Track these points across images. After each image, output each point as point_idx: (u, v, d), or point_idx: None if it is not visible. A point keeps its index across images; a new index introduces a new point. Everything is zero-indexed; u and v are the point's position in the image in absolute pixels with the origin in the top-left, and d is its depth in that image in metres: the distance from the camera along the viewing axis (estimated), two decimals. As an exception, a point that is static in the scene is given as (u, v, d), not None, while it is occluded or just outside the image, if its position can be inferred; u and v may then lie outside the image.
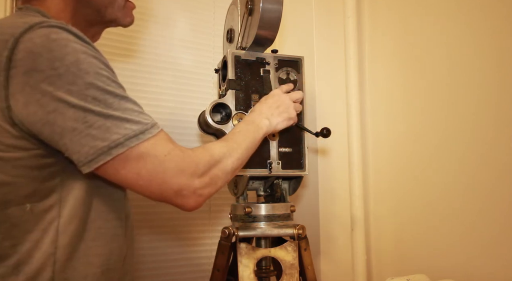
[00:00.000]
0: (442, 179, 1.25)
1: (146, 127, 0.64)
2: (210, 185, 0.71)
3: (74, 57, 0.60)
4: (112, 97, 0.62)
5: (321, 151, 1.63)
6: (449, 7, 1.27)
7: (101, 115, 0.60)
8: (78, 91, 0.59)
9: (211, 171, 0.71)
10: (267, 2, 0.99)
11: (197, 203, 0.70)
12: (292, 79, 1.10)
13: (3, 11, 1.12)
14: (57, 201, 0.65)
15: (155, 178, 0.64)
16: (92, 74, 0.61)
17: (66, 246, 0.65)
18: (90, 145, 0.59)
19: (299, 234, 1.03)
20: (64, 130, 0.59)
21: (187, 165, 0.67)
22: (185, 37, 1.42)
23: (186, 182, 0.67)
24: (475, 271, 1.14)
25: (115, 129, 0.61)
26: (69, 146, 0.60)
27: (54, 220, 0.64)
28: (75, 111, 0.59)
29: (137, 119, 0.64)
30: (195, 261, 1.36)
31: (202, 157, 0.71)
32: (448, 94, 1.25)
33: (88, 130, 0.59)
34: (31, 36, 0.59)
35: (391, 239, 1.43)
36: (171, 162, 0.66)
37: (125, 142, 0.61)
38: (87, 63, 0.61)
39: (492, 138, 1.12)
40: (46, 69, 0.58)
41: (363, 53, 1.58)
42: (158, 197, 0.67)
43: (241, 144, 0.81)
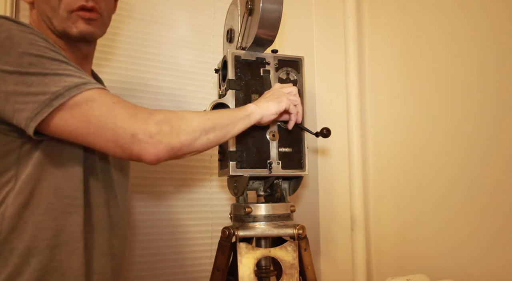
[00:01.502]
0: (442, 179, 1.25)
1: (88, 81, 0.66)
2: (171, 134, 0.68)
3: (7, 33, 0.64)
4: (51, 60, 0.64)
5: (321, 151, 1.63)
6: (449, 7, 1.27)
7: (40, 75, 0.63)
8: (13, 60, 0.63)
9: (170, 121, 0.69)
10: (267, 2, 0.99)
11: (157, 151, 0.66)
12: (292, 79, 1.10)
13: (3, 11, 1.12)
14: (13, 177, 0.68)
15: (105, 124, 0.64)
16: (25, 44, 0.64)
17: (11, 217, 0.67)
18: (33, 100, 0.62)
19: (299, 234, 1.03)
20: (7, 94, 0.63)
21: (139, 111, 0.67)
22: (185, 37, 1.42)
23: (140, 126, 0.65)
24: (475, 271, 1.14)
25: (54, 83, 0.63)
26: (15, 107, 0.63)
27: (8, 194, 0.68)
28: (14, 77, 0.62)
29: (77, 75, 0.65)
30: (195, 261, 1.36)
31: (159, 110, 0.70)
32: (449, 93, 1.25)
33: (28, 89, 0.62)
34: None
35: (391, 239, 1.43)
36: (120, 109, 0.65)
37: (65, 93, 0.63)
38: (20, 37, 0.64)
39: (493, 138, 1.12)
40: None
41: (363, 53, 1.58)
42: (114, 146, 0.65)
43: (216, 113, 0.80)
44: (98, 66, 1.26)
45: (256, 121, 0.87)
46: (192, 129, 0.71)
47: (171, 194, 1.34)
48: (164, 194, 1.33)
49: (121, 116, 0.65)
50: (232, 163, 1.01)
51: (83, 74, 0.67)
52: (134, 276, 1.26)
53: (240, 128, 0.83)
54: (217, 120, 0.78)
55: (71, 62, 0.68)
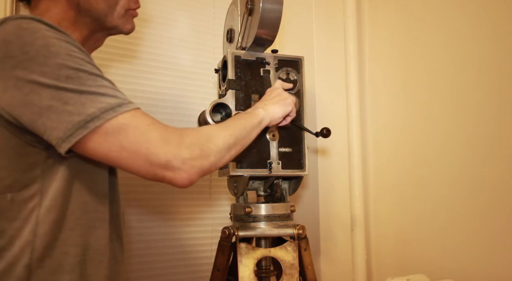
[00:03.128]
0: (442, 179, 1.25)
1: (124, 101, 0.64)
2: (202, 157, 0.68)
3: (43, 41, 0.61)
4: (87, 75, 0.63)
5: (321, 151, 1.63)
6: (449, 7, 1.27)
7: (76, 92, 0.61)
8: (50, 72, 0.60)
9: (200, 143, 0.68)
10: (267, 2, 0.99)
11: (190, 175, 0.66)
12: (292, 79, 1.10)
13: (3, 11, 1.12)
14: (38, 191, 0.66)
15: (139, 149, 0.63)
16: (63, 55, 0.62)
17: (45, 235, 0.66)
18: (67, 120, 0.60)
19: (299, 234, 1.03)
20: (41, 109, 0.60)
21: (171, 135, 0.66)
22: (185, 37, 1.42)
23: (173, 151, 0.64)
24: (475, 271, 1.14)
25: (90, 103, 0.61)
26: (48, 124, 0.60)
27: (34, 210, 0.65)
28: (50, 91, 0.60)
29: (112, 94, 0.64)
30: (195, 261, 1.36)
31: (189, 131, 0.69)
32: (449, 93, 1.25)
33: (64, 106, 0.60)
34: (3, 28, 0.62)
35: (391, 239, 1.43)
36: (154, 132, 0.64)
37: (101, 115, 0.61)
38: (58, 46, 0.62)
39: (493, 138, 1.12)
40: (18, 54, 0.60)
41: (363, 53, 1.58)
42: (146, 171, 0.64)
43: (233, 124, 0.79)
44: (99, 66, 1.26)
45: (265, 126, 0.89)
46: (218, 149, 0.72)
47: (170, 194, 1.34)
48: (164, 194, 1.33)
49: (155, 141, 0.64)
50: (232, 163, 1.01)
51: (116, 89, 0.66)
52: (134, 277, 1.26)
53: (254, 137, 0.85)
54: (237, 134, 0.78)
55: (101, 72, 0.67)
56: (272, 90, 0.99)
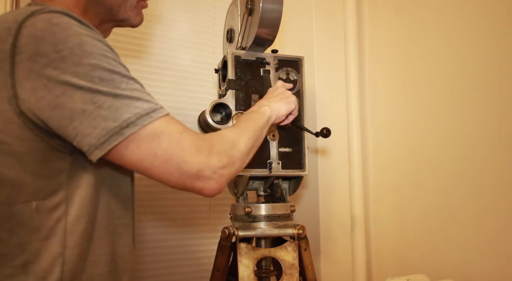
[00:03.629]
0: (442, 179, 1.25)
1: (156, 107, 0.62)
2: (230, 165, 0.67)
3: (77, 39, 0.58)
4: (120, 77, 0.60)
5: (321, 151, 1.63)
6: (449, 7, 1.27)
7: (110, 95, 0.58)
8: (84, 72, 0.57)
9: (228, 150, 0.68)
10: (267, 2, 0.99)
11: (220, 185, 0.65)
12: (292, 79, 1.10)
13: (3, 11, 1.12)
14: (64, 199, 0.63)
15: (172, 158, 0.61)
16: (97, 55, 0.59)
17: (75, 246, 0.63)
18: (102, 126, 0.57)
19: (299, 234, 1.03)
20: (73, 112, 0.57)
21: (202, 143, 0.65)
22: (185, 37, 1.42)
23: (205, 161, 0.63)
24: (475, 271, 1.14)
25: (125, 108, 0.58)
26: (80, 130, 0.57)
27: (61, 219, 0.62)
28: (83, 93, 0.57)
29: (146, 98, 0.62)
30: (195, 261, 1.36)
31: (215, 138, 0.69)
32: (449, 93, 1.25)
33: (98, 111, 0.57)
34: (33, 21, 0.58)
35: (391, 239, 1.43)
36: (186, 140, 0.63)
37: (137, 121, 0.59)
38: (91, 45, 0.59)
39: (493, 138, 1.12)
40: (50, 53, 0.57)
41: (363, 53, 1.58)
42: (177, 181, 0.63)
43: (248, 126, 0.79)
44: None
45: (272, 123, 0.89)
46: (242, 154, 0.72)
47: (170, 194, 1.34)
48: (164, 194, 1.33)
49: (188, 149, 0.62)
50: (232, 163, 1.01)
51: (147, 92, 0.64)
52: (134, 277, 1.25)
53: (265, 135, 0.85)
54: (254, 136, 0.78)
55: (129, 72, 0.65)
56: (275, 89, 0.99)
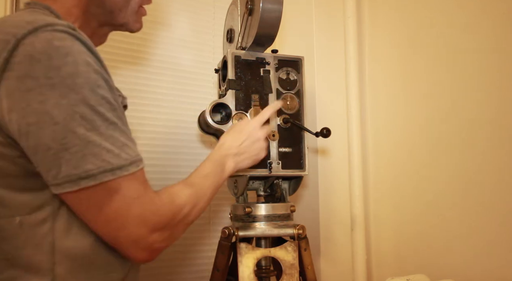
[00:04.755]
0: (442, 179, 1.25)
1: (125, 163, 0.58)
2: (169, 239, 0.66)
3: (72, 68, 0.56)
4: (101, 120, 0.57)
5: (321, 151, 1.63)
6: (449, 7, 1.27)
7: (81, 139, 0.55)
8: (67, 106, 0.55)
9: (174, 224, 0.66)
10: (267, 2, 0.99)
11: (150, 257, 0.64)
12: (292, 79, 1.10)
13: (3, 11, 1.12)
14: (50, 214, 0.60)
15: (115, 220, 0.59)
16: (87, 90, 0.56)
17: (65, 262, 0.61)
18: (61, 169, 0.55)
19: (299, 234, 1.03)
20: (38, 146, 0.55)
21: (151, 215, 0.62)
22: (185, 37, 1.42)
23: (145, 235, 0.62)
24: (475, 271, 1.14)
25: (91, 158, 0.55)
26: (40, 164, 0.56)
27: (47, 235, 0.60)
28: (54, 129, 0.54)
29: (117, 151, 0.58)
30: (195, 261, 1.36)
31: (168, 209, 0.65)
32: (449, 93, 1.25)
33: (62, 152, 0.54)
34: (33, 40, 0.55)
35: (391, 239, 1.43)
36: (137, 208, 0.60)
37: (98, 176, 0.56)
38: (85, 78, 0.56)
39: (493, 139, 1.12)
40: (40, 77, 0.54)
41: (363, 53, 1.58)
42: (109, 240, 0.62)
43: (207, 192, 0.76)
44: (98, 66, 1.26)
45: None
46: (186, 225, 0.71)
47: (171, 194, 1.33)
48: (164, 194, 1.32)
49: (133, 219, 0.60)
50: (232, 163, 1.01)
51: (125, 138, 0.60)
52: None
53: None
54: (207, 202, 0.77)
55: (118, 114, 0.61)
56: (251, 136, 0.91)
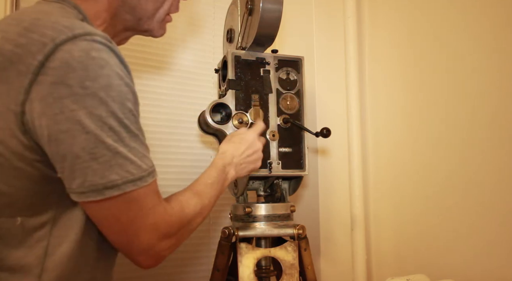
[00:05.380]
0: (442, 179, 1.25)
1: (144, 174, 0.61)
2: (174, 245, 0.69)
3: (106, 81, 0.57)
4: (126, 131, 0.59)
5: (321, 151, 1.63)
6: (449, 7, 1.27)
7: (110, 150, 0.57)
8: (99, 117, 0.56)
9: (180, 232, 0.69)
10: (267, 2, 0.99)
11: (157, 263, 0.67)
12: (292, 79, 1.10)
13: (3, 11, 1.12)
14: (51, 218, 0.62)
15: (130, 229, 0.62)
16: (118, 103, 0.58)
17: (54, 269, 0.61)
18: (87, 179, 0.56)
19: (299, 234, 1.03)
20: (68, 154, 0.56)
21: (163, 224, 0.65)
22: (185, 37, 1.42)
23: (155, 243, 0.64)
24: (475, 271, 1.14)
25: (116, 169, 0.57)
26: (65, 171, 0.57)
27: (43, 239, 0.61)
28: (86, 138, 0.56)
29: (139, 162, 0.60)
30: (195, 261, 1.36)
31: (178, 218, 0.68)
32: (449, 93, 1.25)
33: (90, 162, 0.56)
34: (71, 48, 0.56)
35: (391, 239, 1.43)
36: (151, 217, 0.63)
37: (122, 186, 0.58)
38: (118, 91, 0.58)
39: (492, 138, 1.12)
40: (75, 86, 0.55)
41: (363, 53, 1.58)
42: (121, 246, 0.64)
43: (211, 201, 0.79)
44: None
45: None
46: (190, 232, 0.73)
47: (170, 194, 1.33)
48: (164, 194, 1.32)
49: (147, 227, 0.62)
50: (232, 163, 1.01)
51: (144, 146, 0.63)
52: (134, 276, 1.25)
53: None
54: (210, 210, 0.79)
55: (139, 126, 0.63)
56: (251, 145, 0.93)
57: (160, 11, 0.79)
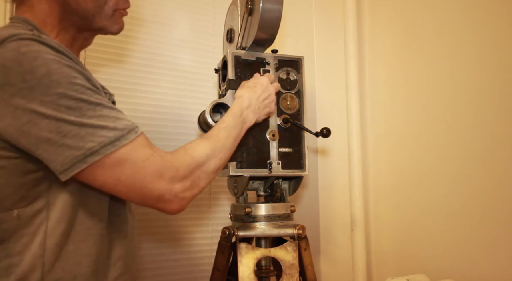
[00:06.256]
0: (442, 179, 1.25)
1: (122, 133, 0.64)
2: (192, 188, 0.72)
3: (45, 68, 0.60)
4: (87, 104, 0.62)
5: (321, 151, 1.63)
6: (449, 6, 1.27)
7: (75, 124, 0.60)
8: (51, 101, 0.59)
9: (193, 173, 0.72)
10: (267, 2, 0.99)
11: (181, 206, 0.71)
12: (292, 79, 1.10)
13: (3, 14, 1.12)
14: (45, 205, 0.66)
15: (134, 183, 0.65)
16: (64, 84, 0.61)
17: (54, 248, 0.66)
18: (65, 155, 0.60)
19: (299, 234, 1.03)
20: (38, 140, 0.60)
21: (166, 169, 0.68)
22: (185, 37, 1.42)
23: (166, 187, 0.68)
24: (475, 271, 1.14)
25: (89, 137, 0.61)
26: (45, 156, 0.61)
27: (42, 223, 0.65)
28: (48, 122, 0.59)
29: (112, 125, 0.64)
30: (195, 261, 1.36)
31: (183, 160, 0.71)
32: (449, 93, 1.25)
33: (62, 140, 0.60)
34: (1, 51, 0.59)
35: (391, 239, 1.43)
36: (149, 167, 0.66)
37: (100, 150, 0.62)
38: (59, 73, 0.61)
39: (492, 137, 1.12)
40: (18, 83, 0.59)
41: (363, 53, 1.58)
42: (139, 201, 0.69)
43: (225, 143, 0.81)
44: (98, 66, 1.26)
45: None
46: (208, 175, 0.75)
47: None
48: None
49: (150, 176, 0.66)
50: (232, 163, 1.01)
51: (116, 114, 0.65)
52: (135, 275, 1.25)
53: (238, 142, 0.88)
54: (228, 152, 0.82)
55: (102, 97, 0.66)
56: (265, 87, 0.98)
57: (105, 8, 0.78)
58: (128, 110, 1.27)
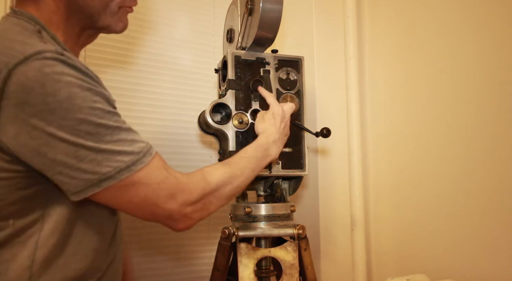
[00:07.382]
0: (442, 179, 1.25)
1: (138, 157, 0.65)
2: (202, 210, 0.73)
3: (67, 92, 0.59)
4: (105, 129, 0.62)
5: (321, 151, 1.63)
6: (449, 6, 1.27)
7: (93, 150, 0.60)
8: (70, 126, 0.59)
9: (205, 198, 0.73)
10: (267, 2, 0.99)
11: (187, 226, 0.72)
12: (292, 79, 1.10)
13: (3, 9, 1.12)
14: (40, 216, 0.65)
15: (146, 205, 0.67)
16: (85, 109, 0.60)
17: (43, 261, 0.65)
18: (80, 178, 0.61)
19: (299, 234, 1.03)
20: (53, 163, 0.60)
21: (180, 192, 0.69)
22: (185, 37, 1.42)
23: (178, 208, 0.69)
24: (475, 271, 1.14)
25: (106, 162, 0.61)
26: (58, 178, 0.61)
27: (34, 234, 0.65)
28: (66, 146, 0.59)
29: (129, 149, 0.64)
30: (195, 261, 1.36)
31: (197, 185, 0.72)
32: (449, 93, 1.25)
33: (79, 164, 0.60)
34: (24, 69, 0.58)
35: (391, 239, 1.43)
36: (164, 190, 0.67)
37: (116, 175, 0.62)
38: (81, 97, 0.60)
39: (493, 138, 1.12)
40: (38, 104, 0.58)
41: (363, 53, 1.58)
42: (147, 218, 0.71)
43: (244, 172, 0.82)
44: (98, 66, 1.26)
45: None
46: (220, 201, 0.77)
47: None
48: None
49: (162, 198, 0.67)
50: (232, 163, 1.01)
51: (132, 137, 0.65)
52: (133, 276, 1.25)
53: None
54: (245, 181, 0.83)
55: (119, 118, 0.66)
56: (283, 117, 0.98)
57: (111, 5, 0.78)
58: (128, 110, 1.27)
